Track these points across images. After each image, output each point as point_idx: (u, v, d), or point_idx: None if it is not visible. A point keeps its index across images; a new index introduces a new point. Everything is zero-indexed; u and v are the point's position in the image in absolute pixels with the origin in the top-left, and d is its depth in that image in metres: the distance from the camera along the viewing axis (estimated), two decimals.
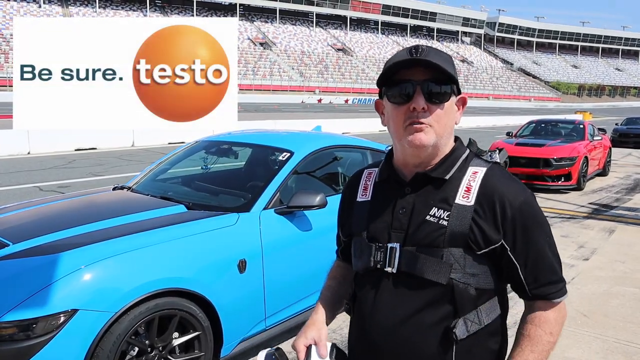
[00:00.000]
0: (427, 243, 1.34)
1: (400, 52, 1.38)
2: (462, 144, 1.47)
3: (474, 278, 1.33)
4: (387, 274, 1.39)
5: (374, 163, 1.63)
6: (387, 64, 1.38)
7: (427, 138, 1.33)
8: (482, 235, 1.32)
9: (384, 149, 4.89)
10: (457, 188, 1.37)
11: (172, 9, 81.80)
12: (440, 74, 1.33)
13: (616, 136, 21.22)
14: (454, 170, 1.39)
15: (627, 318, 4.37)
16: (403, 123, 1.35)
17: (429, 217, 1.35)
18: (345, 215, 1.61)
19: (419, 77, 1.33)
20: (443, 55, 1.36)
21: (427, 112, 1.33)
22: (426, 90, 1.33)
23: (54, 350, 2.42)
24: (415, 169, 1.41)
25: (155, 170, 4.42)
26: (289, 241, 3.54)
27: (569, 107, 73.42)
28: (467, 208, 1.33)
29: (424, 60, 1.31)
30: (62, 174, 11.08)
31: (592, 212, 8.68)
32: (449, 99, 1.36)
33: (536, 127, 13.17)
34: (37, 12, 66.97)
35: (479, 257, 1.33)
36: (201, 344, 2.97)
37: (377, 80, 1.42)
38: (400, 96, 1.35)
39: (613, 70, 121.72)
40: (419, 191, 1.40)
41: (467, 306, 1.33)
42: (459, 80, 1.39)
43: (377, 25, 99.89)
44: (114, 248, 2.77)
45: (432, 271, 1.32)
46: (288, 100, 61.49)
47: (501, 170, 1.41)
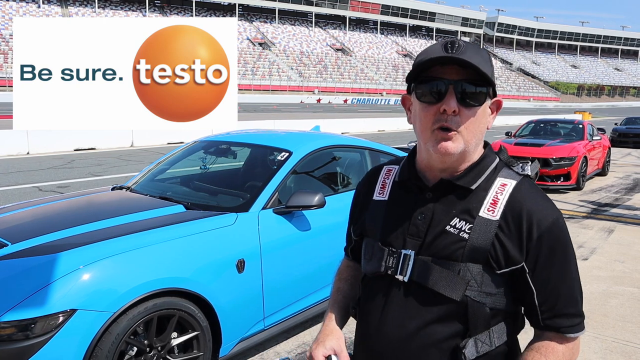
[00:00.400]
0: (445, 255, 1.25)
1: (434, 47, 1.26)
2: (491, 151, 1.36)
3: (490, 297, 1.25)
4: (398, 282, 1.30)
5: (394, 160, 1.53)
6: (418, 59, 1.27)
7: (455, 146, 1.23)
8: (505, 253, 1.22)
9: (385, 150, 4.91)
10: (483, 200, 1.27)
11: (171, 9, 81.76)
12: (476, 73, 1.21)
13: (615, 136, 21.25)
14: (481, 180, 1.29)
15: (626, 318, 4.37)
16: (431, 125, 1.24)
17: (449, 228, 1.26)
18: (358, 212, 1.51)
19: (453, 76, 1.22)
20: (481, 53, 1.24)
21: (457, 115, 1.22)
22: (459, 91, 1.22)
23: (52, 350, 2.42)
24: (440, 174, 1.31)
25: (154, 170, 4.42)
26: (287, 241, 3.54)
27: (568, 107, 73.49)
28: (491, 222, 1.24)
29: (459, 59, 1.20)
30: (61, 174, 11.07)
31: (591, 212, 8.69)
32: (483, 102, 1.25)
33: (535, 127, 13.18)
34: (36, 12, 66.92)
35: (498, 276, 1.24)
36: (200, 343, 2.97)
37: (407, 76, 1.30)
38: (431, 94, 1.24)
39: (612, 70, 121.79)
40: (441, 198, 1.30)
41: (479, 326, 1.25)
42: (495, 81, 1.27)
43: (376, 25, 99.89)
44: (112, 248, 2.77)
45: (446, 286, 1.23)
46: (287, 101, 61.52)
47: (532, 185, 1.30)
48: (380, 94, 77.11)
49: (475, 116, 1.24)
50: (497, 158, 1.35)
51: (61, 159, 13.25)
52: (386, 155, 4.86)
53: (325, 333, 1.43)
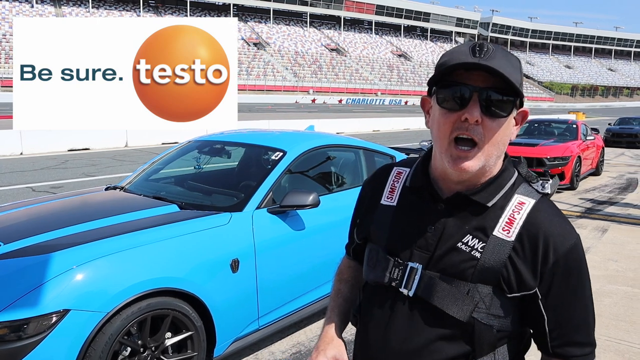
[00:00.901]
0: (454, 273, 1.18)
1: (460, 49, 1.17)
2: (510, 164, 1.27)
3: (498, 320, 1.18)
4: (402, 297, 1.24)
5: (405, 161, 1.44)
6: (442, 60, 1.18)
7: (473, 165, 1.16)
8: (517, 277, 1.16)
9: (380, 149, 4.91)
10: (498, 218, 1.19)
11: (165, 9, 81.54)
12: (504, 82, 1.12)
13: (609, 136, 21.36)
14: (498, 197, 1.21)
15: (619, 316, 4.39)
16: (450, 134, 1.16)
17: (460, 245, 1.19)
18: (363, 214, 1.44)
19: (479, 82, 1.13)
20: (511, 60, 1.15)
21: (479, 125, 1.13)
22: (484, 99, 1.13)
23: (45, 351, 2.41)
24: (456, 187, 1.23)
25: (148, 170, 4.40)
26: (281, 241, 3.53)
27: (562, 107, 73.75)
28: (505, 243, 1.17)
29: (488, 67, 1.10)
30: (55, 174, 11.02)
31: (585, 212, 8.72)
32: (509, 113, 1.16)
33: (529, 127, 13.23)
34: (29, 12, 66.57)
35: (508, 299, 1.18)
36: (194, 343, 2.96)
37: (429, 79, 1.22)
38: (453, 100, 1.15)
39: (606, 70, 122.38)
40: (454, 212, 1.22)
41: (485, 348, 1.19)
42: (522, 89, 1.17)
43: (370, 26, 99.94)
44: (106, 248, 2.76)
45: (453, 305, 1.17)
46: (282, 101, 61.48)
47: (551, 206, 1.23)
48: (375, 94, 77.16)
49: (499, 127, 1.16)
50: (516, 172, 1.27)
51: (55, 160, 13.19)
52: (381, 155, 4.86)
53: (326, 341, 1.38)
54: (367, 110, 50.59)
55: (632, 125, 22.23)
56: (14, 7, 66.49)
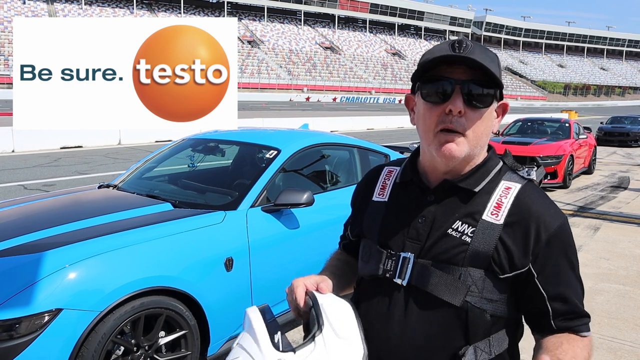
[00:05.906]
0: (445, 259, 1.21)
1: (441, 46, 1.23)
2: (495, 154, 1.33)
3: (491, 304, 1.21)
4: (398, 287, 1.26)
5: (395, 161, 1.49)
6: (424, 58, 1.24)
7: (459, 150, 1.21)
8: (508, 258, 1.19)
9: (374, 148, 4.91)
10: (486, 203, 1.24)
11: (159, 6, 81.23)
12: (484, 74, 1.19)
13: (601, 135, 21.47)
14: (484, 183, 1.26)
15: (611, 314, 4.42)
16: (435, 127, 1.21)
17: (450, 231, 1.23)
18: (356, 213, 1.48)
19: (460, 75, 1.19)
20: (489, 54, 1.22)
21: (463, 116, 1.19)
22: (466, 92, 1.19)
23: (38, 350, 2.39)
24: (444, 176, 1.28)
25: (142, 169, 4.38)
26: (276, 239, 3.52)
27: (555, 106, 74.12)
28: (494, 226, 1.21)
29: (467, 59, 1.17)
30: (47, 172, 10.96)
31: (578, 210, 8.77)
32: (490, 104, 1.23)
33: (523, 126, 13.30)
34: (21, 9, 66.15)
35: (500, 281, 1.21)
36: (188, 342, 2.95)
37: (412, 75, 1.27)
38: (437, 95, 1.21)
39: (598, 69, 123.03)
40: (443, 201, 1.27)
41: (479, 333, 1.21)
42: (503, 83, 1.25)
43: (365, 24, 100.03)
44: (98, 246, 2.74)
45: (446, 290, 1.20)
46: (276, 99, 61.44)
47: (537, 189, 1.28)
48: (369, 93, 77.26)
49: (481, 118, 1.22)
50: (501, 162, 1.33)
51: (47, 157, 13.11)
52: (375, 153, 4.86)
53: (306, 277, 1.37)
54: (361, 108, 50.63)
55: (623, 124, 22.38)
56: (5, 4, 66.02)
